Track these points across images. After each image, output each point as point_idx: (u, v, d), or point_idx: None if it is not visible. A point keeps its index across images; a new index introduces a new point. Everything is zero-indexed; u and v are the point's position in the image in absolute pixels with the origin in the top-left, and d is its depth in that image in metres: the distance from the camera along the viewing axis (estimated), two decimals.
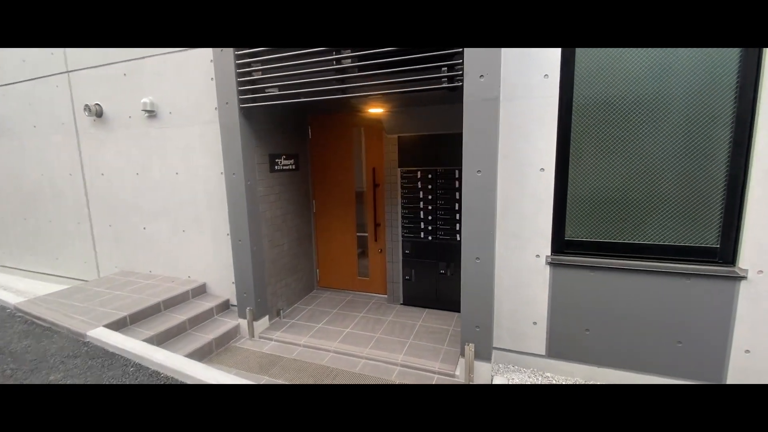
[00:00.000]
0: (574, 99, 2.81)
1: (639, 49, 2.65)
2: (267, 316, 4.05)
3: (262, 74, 3.47)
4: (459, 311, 4.14)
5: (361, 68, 3.07)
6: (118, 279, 4.62)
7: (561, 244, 2.97)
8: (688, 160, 2.65)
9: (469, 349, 3.01)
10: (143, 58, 4.17)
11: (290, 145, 4.39)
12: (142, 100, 4.18)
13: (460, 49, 2.71)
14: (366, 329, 3.89)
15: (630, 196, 2.80)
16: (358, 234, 4.65)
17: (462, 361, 3.06)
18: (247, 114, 3.62)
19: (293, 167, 4.43)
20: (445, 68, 2.81)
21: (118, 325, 3.49)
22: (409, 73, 2.94)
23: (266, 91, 3.51)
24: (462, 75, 2.71)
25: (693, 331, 2.71)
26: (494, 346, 3.22)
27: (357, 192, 4.59)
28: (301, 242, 4.68)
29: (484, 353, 3.00)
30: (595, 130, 2.81)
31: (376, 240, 4.55)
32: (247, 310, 3.84)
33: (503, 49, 2.82)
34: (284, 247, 4.35)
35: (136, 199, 4.61)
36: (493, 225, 2.81)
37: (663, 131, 2.68)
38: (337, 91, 3.20)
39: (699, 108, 2.59)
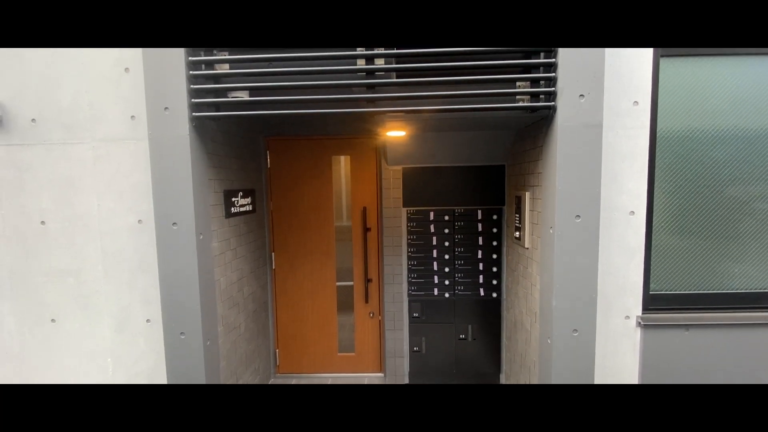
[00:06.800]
0: (658, 130, 2.43)
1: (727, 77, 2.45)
2: None
3: (230, 68, 2.21)
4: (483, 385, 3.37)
5: (400, 72, 2.16)
6: None
7: (647, 300, 2.49)
8: None
9: None
10: None
11: (246, 177, 3.05)
12: None
13: (551, 54, 2.07)
14: None
15: (718, 238, 2.51)
16: (339, 289, 3.47)
17: None
18: (201, 128, 2.27)
19: (250, 208, 3.07)
20: (525, 82, 2.15)
21: None
22: (475, 85, 2.16)
23: (230, 94, 2.26)
24: (554, 91, 2.07)
25: None
26: None
27: (338, 239, 3.44)
28: (258, 316, 3.26)
29: None
30: (680, 165, 2.48)
31: (367, 301, 3.45)
32: None
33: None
34: (241, 329, 2.90)
35: None
36: (595, 286, 2.16)
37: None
38: (363, 101, 2.20)
39: None
